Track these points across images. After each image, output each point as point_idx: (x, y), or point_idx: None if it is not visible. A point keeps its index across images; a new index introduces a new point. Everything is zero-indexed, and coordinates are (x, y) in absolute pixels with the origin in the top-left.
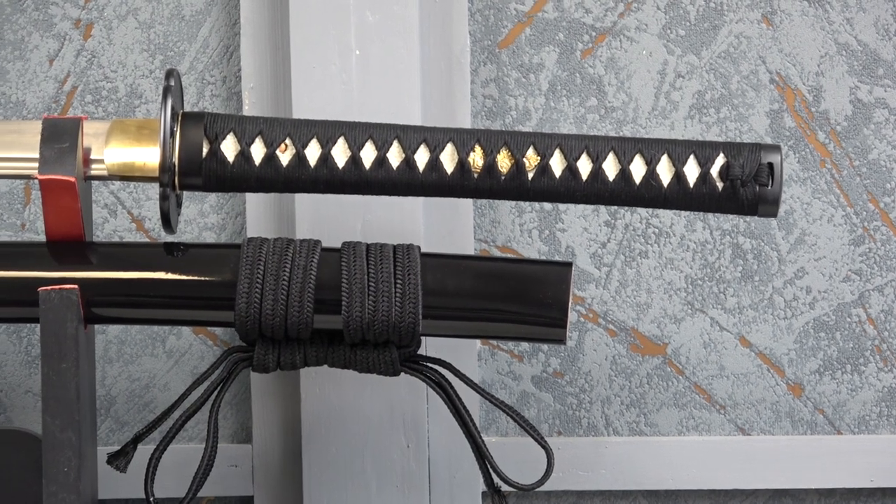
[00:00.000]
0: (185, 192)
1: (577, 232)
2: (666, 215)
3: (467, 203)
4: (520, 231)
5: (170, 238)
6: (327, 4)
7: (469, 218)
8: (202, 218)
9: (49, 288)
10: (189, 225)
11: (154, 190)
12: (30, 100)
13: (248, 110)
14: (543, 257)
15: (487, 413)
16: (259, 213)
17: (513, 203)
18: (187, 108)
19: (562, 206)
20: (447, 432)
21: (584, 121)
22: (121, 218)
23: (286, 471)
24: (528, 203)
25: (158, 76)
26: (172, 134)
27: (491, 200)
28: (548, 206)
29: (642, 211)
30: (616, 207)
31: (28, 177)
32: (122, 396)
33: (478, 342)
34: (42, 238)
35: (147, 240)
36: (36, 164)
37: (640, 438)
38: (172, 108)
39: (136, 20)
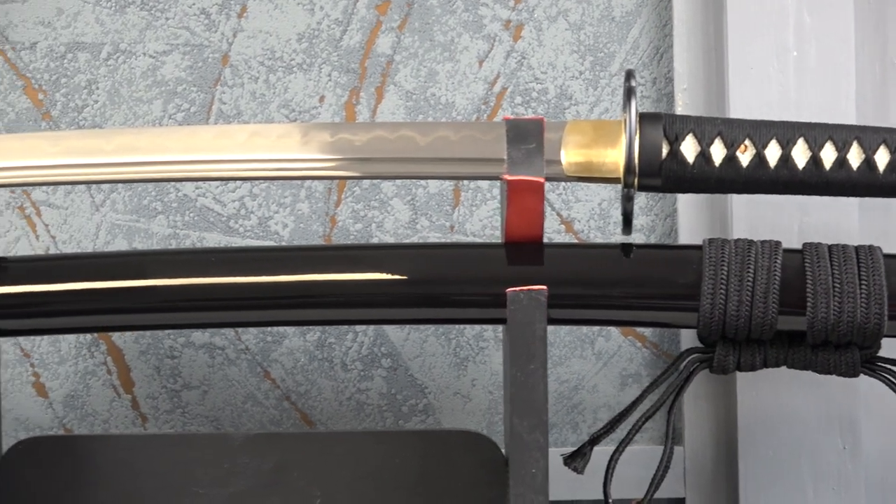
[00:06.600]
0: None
1: None
2: None
3: None
4: None
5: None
6: (766, 6)
7: None
8: None
9: (518, 289)
10: (618, 227)
11: (584, 191)
12: (459, 101)
13: (680, 111)
14: None
15: None
16: (691, 215)
17: None
18: (616, 110)
19: None
20: (881, 433)
21: None
22: (550, 220)
23: (719, 473)
24: None
25: (588, 77)
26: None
27: None
28: None
29: None
30: None
31: (493, 177)
32: (550, 398)
33: None
34: (467, 240)
35: (576, 241)
36: (501, 166)
37: None
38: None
39: (567, 21)
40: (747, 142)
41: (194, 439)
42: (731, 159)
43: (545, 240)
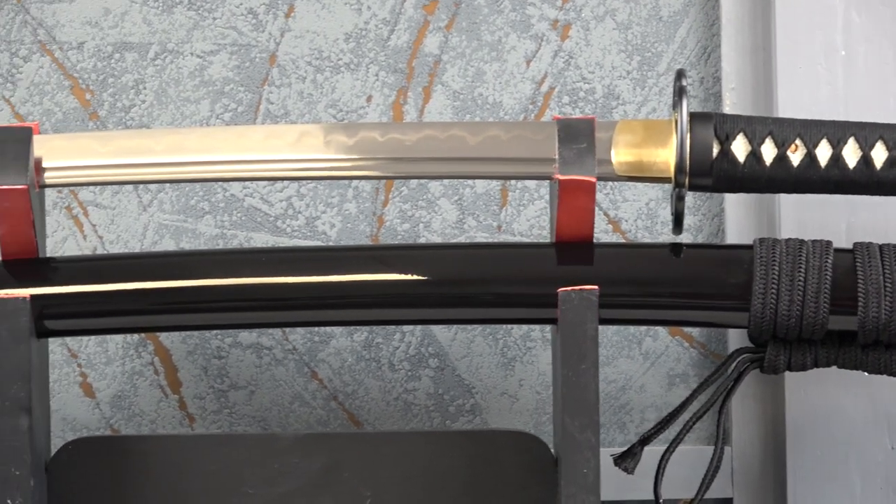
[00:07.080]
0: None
1: None
2: None
3: None
4: None
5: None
6: (814, 5)
7: None
8: None
9: (569, 289)
10: (665, 227)
11: (631, 191)
12: (506, 101)
13: (728, 111)
14: None
15: None
16: (739, 215)
17: None
18: (663, 109)
19: None
20: None
21: None
22: (597, 219)
23: (767, 473)
24: None
25: (636, 77)
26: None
27: None
28: None
29: None
30: None
31: (544, 177)
32: None
33: None
34: (515, 240)
35: (624, 241)
36: (552, 165)
37: None
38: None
39: (614, 21)
40: (798, 141)
41: (243, 439)
42: (781, 159)
43: (595, 239)
